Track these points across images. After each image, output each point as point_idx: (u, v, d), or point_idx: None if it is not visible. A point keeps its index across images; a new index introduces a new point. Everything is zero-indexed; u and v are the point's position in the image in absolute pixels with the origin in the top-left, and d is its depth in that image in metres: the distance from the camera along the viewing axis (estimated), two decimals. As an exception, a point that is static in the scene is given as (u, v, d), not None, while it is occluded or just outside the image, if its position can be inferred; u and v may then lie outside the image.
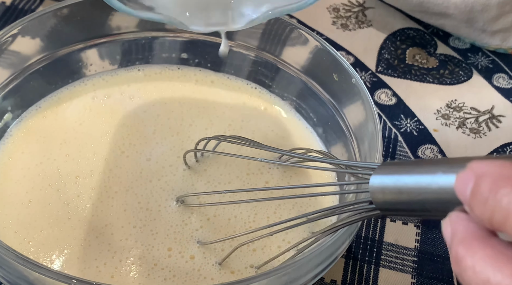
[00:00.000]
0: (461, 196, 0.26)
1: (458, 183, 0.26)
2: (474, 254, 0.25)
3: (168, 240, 0.45)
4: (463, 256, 0.25)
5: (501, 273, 0.24)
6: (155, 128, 0.52)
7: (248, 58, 0.55)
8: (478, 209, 0.25)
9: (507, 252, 0.24)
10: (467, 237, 0.25)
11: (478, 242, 0.25)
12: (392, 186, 0.31)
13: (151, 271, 0.43)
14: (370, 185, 0.33)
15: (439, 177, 0.28)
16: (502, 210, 0.23)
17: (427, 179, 0.28)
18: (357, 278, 0.48)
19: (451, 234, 0.27)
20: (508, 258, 0.24)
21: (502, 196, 0.23)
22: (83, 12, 0.52)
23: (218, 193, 0.47)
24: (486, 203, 0.24)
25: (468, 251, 0.25)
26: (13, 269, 0.37)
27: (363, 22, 0.68)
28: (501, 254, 0.24)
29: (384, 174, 0.32)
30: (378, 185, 0.32)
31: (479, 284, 0.24)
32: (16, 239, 0.44)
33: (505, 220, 0.23)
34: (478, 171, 0.25)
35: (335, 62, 0.49)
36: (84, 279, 0.35)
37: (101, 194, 0.47)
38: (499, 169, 0.24)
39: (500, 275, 0.24)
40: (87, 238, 0.44)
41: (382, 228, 0.51)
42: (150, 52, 0.56)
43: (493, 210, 0.24)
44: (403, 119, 0.59)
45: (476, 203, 0.25)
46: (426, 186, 0.28)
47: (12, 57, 0.50)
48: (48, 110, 0.52)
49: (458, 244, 0.26)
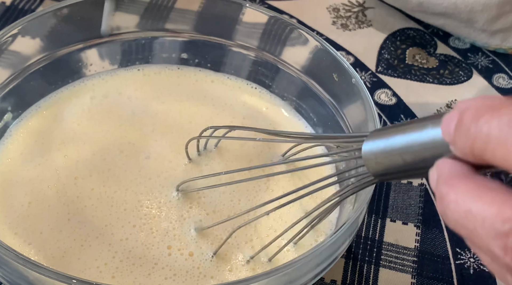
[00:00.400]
0: (446, 135, 0.26)
1: (444, 123, 0.26)
2: (457, 189, 0.25)
3: (168, 238, 0.45)
4: (446, 192, 0.25)
5: (482, 202, 0.24)
6: (153, 127, 0.52)
7: (248, 58, 0.55)
8: (461, 141, 0.25)
9: (489, 184, 0.24)
10: (451, 176, 0.26)
11: (461, 178, 0.25)
12: (384, 148, 0.32)
13: (152, 271, 0.43)
14: (363, 153, 0.33)
15: (428, 128, 0.28)
16: (482, 136, 0.24)
17: (416, 134, 0.29)
18: (357, 278, 0.48)
19: (436, 177, 0.27)
20: (488, 188, 0.24)
21: (483, 123, 0.24)
22: (83, 12, 0.52)
23: (217, 175, 0.46)
24: (468, 133, 0.25)
25: (452, 187, 0.25)
26: (13, 269, 0.37)
27: (363, 22, 0.68)
28: (483, 186, 0.24)
29: (375, 139, 0.33)
30: (370, 150, 0.33)
31: (461, 216, 0.25)
32: (15, 241, 0.44)
33: (485, 146, 0.24)
34: (462, 107, 0.25)
35: (335, 62, 0.49)
36: (84, 279, 0.35)
37: (101, 194, 0.47)
38: (480, 101, 0.25)
39: (481, 203, 0.24)
40: (87, 239, 0.44)
41: (382, 228, 0.51)
42: (150, 52, 0.56)
43: (474, 137, 0.24)
44: (403, 119, 0.59)
45: (459, 135, 0.25)
46: (416, 140, 0.29)
47: (12, 57, 0.50)
48: (48, 110, 0.52)
49: (442, 183, 0.26)
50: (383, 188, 0.54)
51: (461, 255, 0.50)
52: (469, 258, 0.50)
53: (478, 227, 0.24)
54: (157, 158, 0.50)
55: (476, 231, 0.24)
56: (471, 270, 0.49)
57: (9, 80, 0.50)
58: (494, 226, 0.23)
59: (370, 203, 0.52)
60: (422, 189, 0.54)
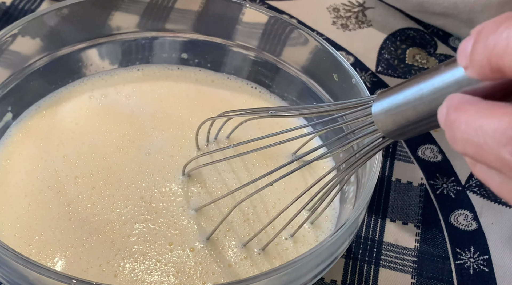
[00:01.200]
0: (462, 59, 0.26)
1: (460, 47, 0.26)
2: (467, 111, 0.25)
3: (169, 233, 0.45)
4: (456, 116, 0.25)
5: (493, 117, 0.24)
6: (153, 124, 0.52)
7: (248, 58, 0.55)
8: (478, 54, 0.25)
9: (500, 103, 0.24)
10: (461, 102, 0.26)
11: (472, 102, 0.25)
12: (396, 103, 0.32)
13: (155, 268, 0.43)
14: (374, 114, 0.33)
15: (440, 70, 0.29)
16: (502, 41, 0.24)
17: (428, 80, 0.29)
18: (357, 278, 0.48)
19: (446, 109, 0.27)
20: (500, 106, 0.24)
21: (503, 29, 0.24)
22: (83, 12, 0.52)
23: (223, 149, 0.47)
24: (486, 42, 0.24)
25: (462, 110, 0.25)
26: (13, 269, 0.37)
27: (363, 22, 0.68)
28: (494, 105, 0.24)
29: (384, 98, 0.33)
30: (381, 110, 0.33)
31: (471, 134, 0.25)
32: (16, 242, 0.44)
33: (504, 50, 0.23)
34: (478, 28, 0.25)
35: (335, 62, 0.49)
36: (84, 279, 0.35)
37: (101, 193, 0.47)
38: (498, 16, 0.25)
39: (492, 118, 0.24)
40: (89, 238, 0.44)
41: (382, 228, 0.51)
42: (150, 52, 0.56)
43: (493, 45, 0.24)
44: (403, 119, 0.59)
45: (476, 49, 0.25)
46: (429, 86, 0.29)
47: (12, 57, 0.50)
48: (47, 110, 0.52)
49: (452, 111, 0.26)
50: (383, 187, 0.54)
51: (461, 255, 0.50)
52: (469, 258, 0.50)
53: (489, 138, 0.24)
54: (158, 153, 0.50)
55: (486, 144, 0.24)
56: (471, 270, 0.49)
57: (9, 80, 0.50)
58: (506, 133, 0.23)
59: (370, 203, 0.52)
60: (422, 189, 0.54)
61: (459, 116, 0.25)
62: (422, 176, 0.55)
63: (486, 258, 0.50)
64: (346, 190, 0.48)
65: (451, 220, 0.52)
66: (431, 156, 0.56)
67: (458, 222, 0.52)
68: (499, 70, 0.24)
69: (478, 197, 0.54)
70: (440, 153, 0.56)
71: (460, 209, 0.53)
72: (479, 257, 0.50)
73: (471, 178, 0.55)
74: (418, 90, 0.30)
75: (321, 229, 0.46)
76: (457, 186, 0.54)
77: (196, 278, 0.43)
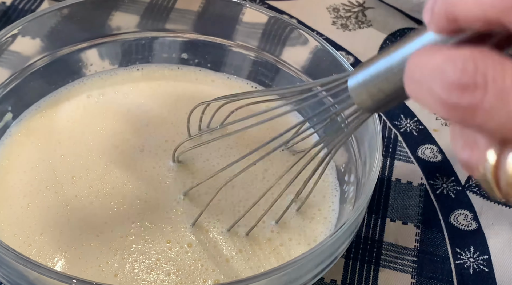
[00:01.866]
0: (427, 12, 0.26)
1: (427, 4, 0.26)
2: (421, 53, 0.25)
3: (166, 231, 0.45)
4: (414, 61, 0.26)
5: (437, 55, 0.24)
6: (148, 121, 0.52)
7: (248, 58, 0.55)
8: (438, 3, 0.25)
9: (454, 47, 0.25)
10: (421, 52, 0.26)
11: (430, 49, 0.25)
12: (370, 75, 0.32)
13: (155, 266, 0.43)
14: (350, 88, 0.33)
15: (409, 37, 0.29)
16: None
17: (399, 49, 0.30)
18: (357, 278, 0.48)
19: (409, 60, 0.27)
20: (450, 48, 0.24)
21: None
22: (83, 12, 0.52)
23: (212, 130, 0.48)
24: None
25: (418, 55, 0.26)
26: (13, 269, 0.37)
27: (363, 22, 0.68)
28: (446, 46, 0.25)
29: (358, 72, 0.33)
30: (357, 83, 0.33)
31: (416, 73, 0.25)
32: (16, 242, 0.44)
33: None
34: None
35: (335, 62, 0.49)
36: (84, 279, 0.35)
37: (98, 192, 0.47)
38: None
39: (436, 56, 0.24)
40: (88, 238, 0.44)
41: (382, 228, 0.51)
42: (150, 52, 0.56)
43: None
44: (403, 119, 0.59)
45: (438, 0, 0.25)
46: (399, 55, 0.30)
47: (12, 57, 0.50)
48: (47, 110, 0.52)
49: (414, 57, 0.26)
50: (383, 187, 0.54)
51: (461, 255, 0.50)
52: (469, 258, 0.50)
53: (426, 73, 0.24)
54: (151, 149, 0.50)
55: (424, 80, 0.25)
56: (471, 270, 0.49)
57: (9, 80, 0.50)
58: (440, 67, 0.24)
59: (370, 203, 0.52)
60: (422, 189, 0.54)
61: (414, 58, 0.26)
62: (422, 176, 0.55)
63: (486, 258, 0.50)
64: (346, 190, 0.48)
65: (451, 220, 0.52)
66: (431, 156, 0.56)
67: (458, 222, 0.52)
68: (454, 19, 0.24)
69: (478, 197, 0.54)
70: (440, 153, 0.57)
71: (460, 209, 0.53)
72: (479, 257, 0.50)
73: (471, 178, 0.55)
74: (388, 61, 0.30)
75: (321, 228, 0.46)
76: (457, 186, 0.54)
77: (197, 276, 0.43)
